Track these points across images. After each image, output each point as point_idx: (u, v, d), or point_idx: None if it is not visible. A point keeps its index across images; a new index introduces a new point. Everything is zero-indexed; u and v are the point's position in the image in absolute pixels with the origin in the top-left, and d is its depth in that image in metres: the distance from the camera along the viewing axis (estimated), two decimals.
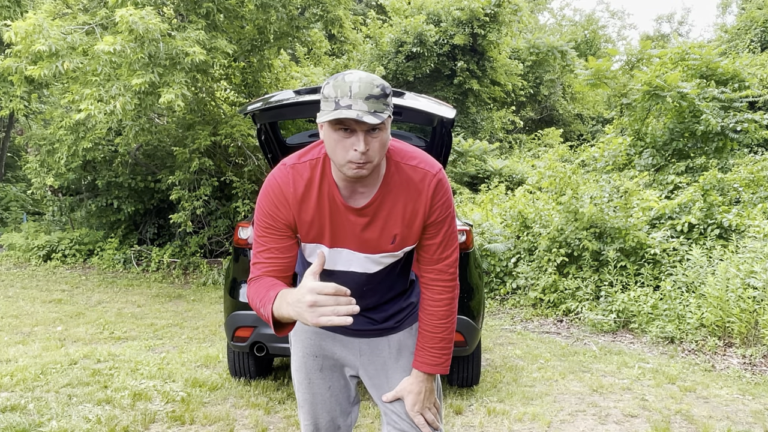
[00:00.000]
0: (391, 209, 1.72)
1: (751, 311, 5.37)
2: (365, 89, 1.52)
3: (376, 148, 1.58)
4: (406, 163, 1.73)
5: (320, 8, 10.25)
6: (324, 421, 1.99)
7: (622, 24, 49.55)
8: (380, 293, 1.91)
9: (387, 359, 1.95)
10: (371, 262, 1.79)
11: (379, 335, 1.95)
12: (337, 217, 1.72)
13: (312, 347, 1.98)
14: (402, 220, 1.73)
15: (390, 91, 1.57)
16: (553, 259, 7.12)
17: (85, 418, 3.65)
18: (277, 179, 1.72)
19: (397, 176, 1.71)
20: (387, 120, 1.57)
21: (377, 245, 1.75)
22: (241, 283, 4.22)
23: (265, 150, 4.59)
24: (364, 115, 1.50)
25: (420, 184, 1.71)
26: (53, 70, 7.43)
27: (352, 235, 1.74)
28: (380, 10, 18.33)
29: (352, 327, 1.88)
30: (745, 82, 10.41)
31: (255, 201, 9.70)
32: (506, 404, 4.11)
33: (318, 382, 1.98)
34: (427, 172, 1.72)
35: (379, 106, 1.53)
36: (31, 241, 11.13)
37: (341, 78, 1.54)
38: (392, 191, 1.71)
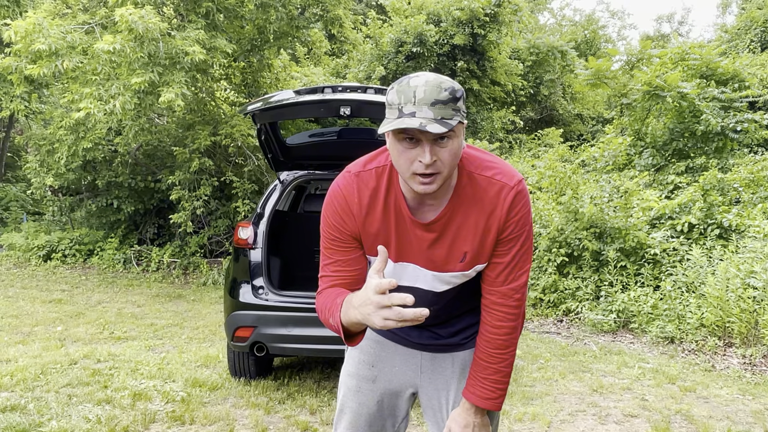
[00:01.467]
0: (462, 224, 1.57)
1: (751, 311, 5.36)
2: (431, 94, 1.37)
3: (445, 159, 1.42)
4: (481, 173, 1.55)
5: (320, 8, 10.25)
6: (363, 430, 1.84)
7: (622, 24, 49.55)
8: (448, 310, 1.76)
9: (450, 378, 1.79)
10: (438, 280, 1.65)
11: (443, 351, 1.80)
12: (403, 230, 1.58)
13: (370, 355, 1.85)
14: (473, 236, 1.57)
15: (461, 94, 1.41)
16: (553, 259, 7.12)
17: (85, 418, 3.64)
18: (341, 188, 1.60)
19: (469, 188, 1.55)
20: (458, 126, 1.41)
21: (445, 263, 1.61)
22: (242, 283, 4.22)
23: (265, 150, 4.59)
24: (429, 124, 1.35)
25: (495, 198, 1.54)
26: (53, 69, 7.43)
27: (418, 250, 1.60)
28: (380, 10, 18.33)
29: (415, 340, 1.80)
30: (745, 82, 10.40)
31: (255, 201, 9.75)
32: (506, 404, 4.10)
33: (368, 393, 1.83)
34: (504, 184, 1.54)
35: (447, 112, 1.37)
36: (31, 241, 11.13)
37: (406, 82, 1.40)
38: (463, 204, 1.56)
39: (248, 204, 9.43)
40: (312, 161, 4.72)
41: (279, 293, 4.13)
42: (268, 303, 4.09)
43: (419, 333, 1.80)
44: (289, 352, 4.18)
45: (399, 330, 1.78)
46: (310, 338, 3.98)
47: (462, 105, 1.42)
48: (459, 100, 1.40)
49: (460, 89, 1.43)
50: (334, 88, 3.91)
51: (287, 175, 4.62)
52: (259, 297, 4.12)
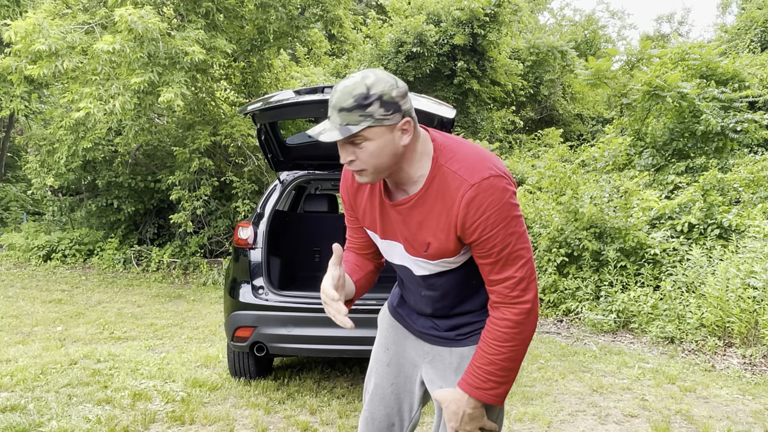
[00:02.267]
0: (426, 215, 1.61)
1: (751, 311, 5.36)
2: (339, 101, 1.49)
3: (364, 158, 1.53)
4: (449, 166, 1.57)
5: (320, 8, 10.25)
6: (379, 414, 1.95)
7: (622, 24, 49.55)
8: (447, 302, 1.79)
9: (447, 368, 1.84)
10: (414, 263, 1.73)
11: (440, 344, 1.86)
12: (382, 210, 1.73)
13: (386, 339, 1.98)
14: (435, 229, 1.60)
15: (375, 98, 1.47)
16: (553, 259, 7.12)
17: (85, 418, 3.64)
18: (344, 170, 1.82)
19: (438, 180, 1.58)
20: (368, 131, 1.49)
21: (412, 247, 1.69)
22: (242, 283, 4.21)
23: (265, 150, 4.59)
24: (326, 132, 1.50)
25: (455, 194, 1.54)
26: (53, 69, 7.44)
27: (398, 230, 1.71)
28: (380, 10, 18.33)
29: (418, 327, 1.89)
30: (745, 82, 10.40)
31: (255, 201, 9.74)
32: (506, 404, 4.10)
33: (383, 375, 1.96)
34: (464, 180, 1.53)
35: (352, 118, 1.48)
36: (31, 241, 11.13)
37: (338, 82, 1.54)
38: (430, 195, 1.59)
39: (248, 204, 9.43)
40: (312, 161, 4.72)
41: (279, 293, 4.13)
42: (268, 303, 4.09)
43: (423, 321, 1.89)
44: (289, 352, 4.18)
45: (407, 316, 1.92)
46: (310, 338, 3.98)
47: (377, 109, 1.47)
48: (370, 105, 1.47)
49: (377, 93, 1.48)
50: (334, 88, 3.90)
51: (287, 175, 4.62)
52: (259, 297, 4.12)
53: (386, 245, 1.78)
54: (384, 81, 1.50)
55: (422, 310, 1.85)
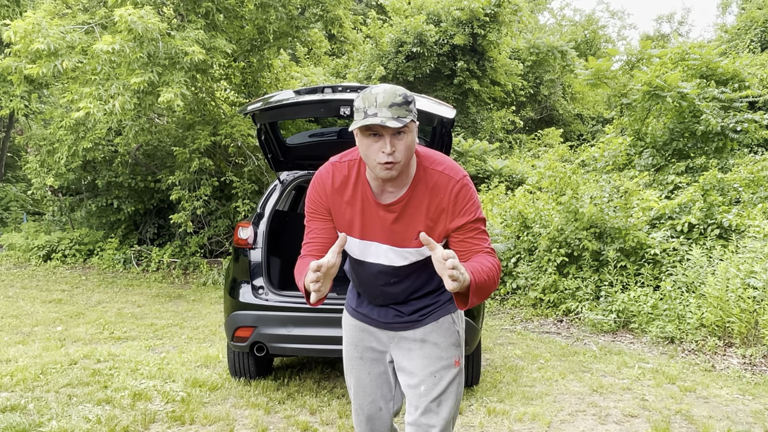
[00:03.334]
0: (417, 208, 1.93)
1: (751, 311, 5.36)
2: (389, 98, 1.75)
3: (401, 150, 1.79)
4: (434, 168, 1.93)
5: (320, 8, 10.25)
6: (366, 402, 2.22)
7: (622, 24, 49.54)
8: (410, 289, 2.10)
9: (411, 346, 2.14)
10: (397, 255, 2.00)
11: (405, 329, 2.14)
12: (368, 212, 1.95)
13: (353, 338, 2.24)
14: (426, 219, 1.93)
15: (412, 99, 1.79)
16: (553, 259, 7.12)
17: (85, 418, 3.64)
18: (321, 173, 2.02)
19: (424, 180, 1.92)
20: (411, 124, 1.79)
21: (403, 240, 1.96)
22: (242, 283, 4.21)
23: (265, 150, 4.59)
24: (388, 121, 1.73)
25: (444, 189, 1.91)
26: (52, 69, 7.43)
27: (380, 229, 1.97)
28: (380, 10, 18.32)
29: (381, 319, 2.16)
30: (745, 82, 10.39)
31: (255, 201, 9.75)
32: (506, 404, 4.11)
33: (358, 369, 2.22)
34: (450, 177, 1.92)
35: (401, 112, 1.75)
36: (31, 241, 11.13)
37: (368, 91, 1.79)
38: (419, 192, 1.92)
39: (248, 204, 9.43)
40: (312, 161, 4.72)
41: (279, 293, 4.13)
42: (268, 303, 4.09)
43: (386, 312, 2.15)
44: (289, 352, 4.18)
45: (369, 313, 2.18)
46: (310, 338, 3.98)
47: (413, 108, 1.79)
48: (410, 103, 1.78)
49: (412, 96, 1.81)
50: (334, 88, 3.91)
51: (287, 175, 4.62)
52: (259, 297, 4.12)
53: (362, 245, 2.02)
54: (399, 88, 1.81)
55: (385, 301, 2.14)
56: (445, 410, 2.08)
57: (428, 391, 2.07)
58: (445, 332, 2.13)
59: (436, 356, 2.10)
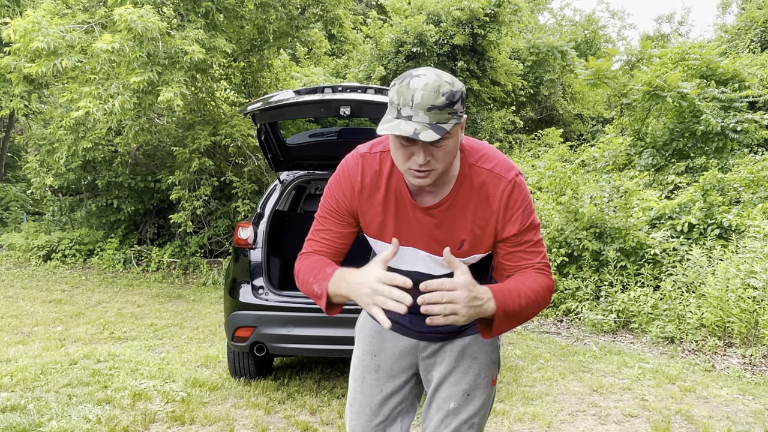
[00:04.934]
0: (461, 213, 1.63)
1: (751, 311, 5.36)
2: (428, 99, 1.41)
3: (440, 158, 1.49)
4: (481, 165, 1.62)
5: (320, 8, 10.24)
6: (370, 426, 1.89)
7: (622, 24, 49.54)
8: None
9: (446, 357, 1.85)
10: (437, 264, 1.71)
11: (443, 339, 1.85)
12: (403, 213, 1.65)
13: (372, 345, 1.92)
14: (471, 226, 1.64)
15: (460, 96, 1.44)
16: (553, 259, 7.12)
17: (85, 418, 3.64)
18: (349, 165, 1.69)
19: (469, 179, 1.62)
20: (454, 128, 1.46)
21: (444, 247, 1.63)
22: (242, 283, 4.21)
23: (265, 150, 4.59)
24: (423, 131, 1.40)
25: (493, 190, 1.61)
26: (51, 68, 7.42)
27: (418, 233, 1.66)
28: (380, 10, 18.32)
29: (415, 328, 1.84)
30: (745, 82, 10.39)
31: (255, 201, 9.73)
32: (506, 404, 4.10)
33: (371, 383, 1.90)
34: (502, 177, 1.61)
35: (442, 117, 1.42)
36: (31, 241, 11.12)
37: (407, 82, 1.44)
38: (463, 194, 1.62)
39: (248, 204, 9.43)
40: (312, 161, 4.71)
41: (279, 293, 4.13)
42: (268, 303, 4.09)
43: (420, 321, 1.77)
44: (289, 352, 4.18)
45: (400, 318, 1.81)
46: (310, 338, 3.98)
47: (460, 106, 1.45)
48: (457, 102, 1.44)
49: (460, 90, 1.45)
50: (334, 88, 3.91)
51: (287, 175, 4.62)
52: (259, 297, 4.12)
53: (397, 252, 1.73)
54: (455, 78, 1.48)
55: None
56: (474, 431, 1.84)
57: (458, 411, 1.82)
58: (486, 347, 1.86)
59: (474, 373, 1.83)
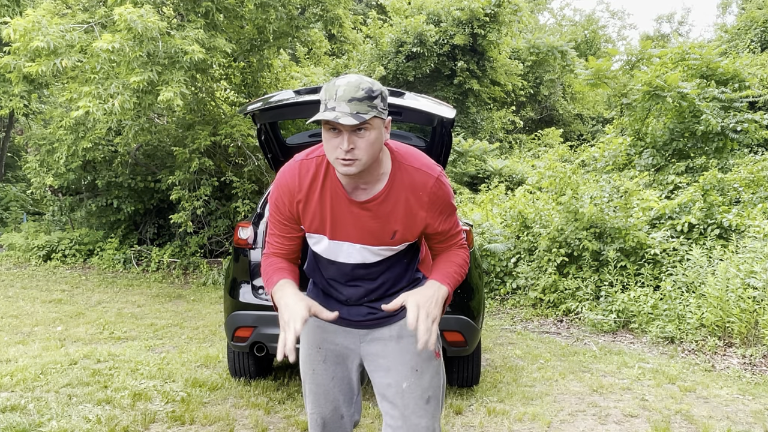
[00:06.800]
0: (394, 207, 1.84)
1: (751, 311, 5.36)
2: (349, 92, 1.64)
3: (362, 147, 1.68)
4: (409, 164, 1.84)
5: (320, 8, 10.24)
6: (328, 410, 2.07)
7: (622, 24, 49.59)
8: (384, 285, 2.00)
9: (387, 341, 2.03)
10: (371, 253, 1.92)
11: (380, 326, 2.04)
12: (339, 210, 1.85)
13: (316, 340, 2.08)
14: (403, 217, 1.85)
15: (378, 93, 1.67)
16: (553, 259, 7.12)
17: (85, 418, 3.64)
18: (285, 173, 1.89)
19: (399, 176, 1.83)
20: (374, 120, 1.68)
21: (377, 238, 1.88)
22: (242, 283, 4.21)
23: (265, 150, 4.59)
24: (342, 117, 1.62)
25: (423, 185, 1.83)
26: (51, 67, 7.42)
27: (353, 227, 1.86)
28: (380, 10, 18.33)
29: (354, 318, 2.04)
30: (745, 82, 10.40)
31: (255, 201, 9.73)
32: (506, 404, 4.11)
33: (321, 373, 2.06)
34: (429, 175, 1.85)
35: (362, 108, 1.64)
36: (31, 241, 11.12)
37: (332, 82, 1.68)
38: (396, 189, 1.83)
39: (248, 204, 9.43)
40: None
41: None
42: (268, 303, 4.08)
43: (357, 310, 2.03)
44: None
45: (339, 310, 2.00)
46: None
47: (379, 102, 1.68)
48: (375, 98, 1.67)
49: (379, 90, 1.69)
50: None
51: None
52: (259, 297, 4.12)
53: (332, 245, 1.92)
54: (377, 82, 1.72)
55: (359, 299, 2.01)
56: (433, 406, 2.00)
57: (413, 388, 1.97)
58: None
59: (416, 350, 1.96)
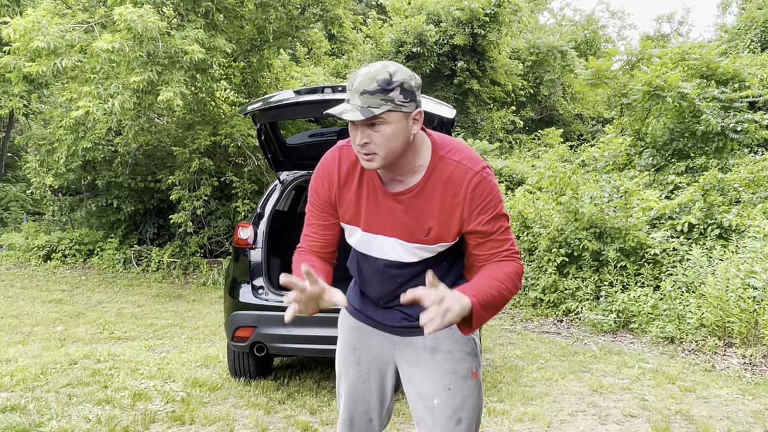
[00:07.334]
0: (429, 201, 1.72)
1: (751, 311, 5.36)
2: (363, 84, 1.57)
3: (378, 142, 1.61)
4: (450, 157, 1.72)
5: (320, 8, 10.24)
6: (358, 411, 2.01)
7: (622, 24, 49.50)
8: None
9: (421, 353, 1.92)
10: (405, 250, 1.80)
11: (414, 334, 1.92)
12: (374, 201, 1.77)
13: (351, 340, 2.03)
14: (439, 214, 1.72)
15: (396, 85, 1.57)
16: (553, 259, 7.12)
17: (85, 418, 3.64)
18: (327, 158, 1.83)
19: (438, 170, 1.71)
20: (389, 114, 1.59)
21: (411, 234, 1.76)
22: (242, 283, 4.21)
23: (265, 150, 4.59)
24: (348, 112, 1.57)
25: (461, 180, 1.69)
26: (51, 67, 7.42)
27: (388, 220, 1.77)
28: (380, 10, 18.32)
29: (387, 322, 1.95)
30: (745, 82, 10.39)
31: (255, 201, 9.74)
32: (506, 404, 4.10)
33: (354, 375, 2.01)
34: (468, 169, 1.70)
35: (373, 102, 1.57)
36: (31, 241, 11.12)
37: (356, 71, 1.62)
38: (432, 183, 1.71)
39: (248, 204, 9.43)
40: (312, 161, 4.71)
41: (279, 293, 4.13)
42: (268, 303, 4.09)
43: (392, 314, 1.93)
44: (289, 352, 4.18)
45: (373, 314, 1.97)
46: (310, 338, 3.98)
47: (397, 95, 1.57)
48: (392, 91, 1.57)
49: (399, 81, 1.58)
50: (334, 88, 3.91)
51: (287, 175, 4.62)
52: (259, 297, 4.12)
53: (365, 238, 1.82)
54: (404, 71, 1.61)
55: (392, 302, 1.90)
56: (464, 428, 1.87)
57: (444, 407, 1.86)
58: (459, 339, 1.90)
59: (451, 367, 1.88)
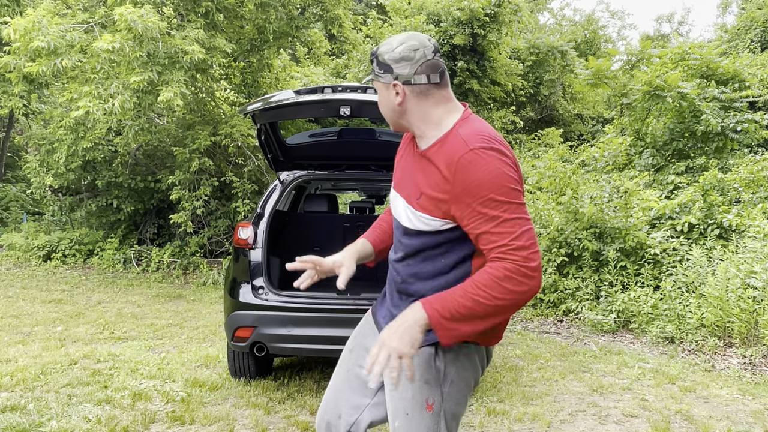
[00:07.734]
0: (428, 166, 1.68)
1: (751, 311, 5.36)
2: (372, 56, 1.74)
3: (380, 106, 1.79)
4: (458, 131, 1.64)
5: (320, 8, 10.25)
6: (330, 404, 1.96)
7: (622, 24, 49.48)
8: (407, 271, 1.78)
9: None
10: (405, 212, 1.75)
11: None
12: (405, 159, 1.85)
13: (357, 329, 2.06)
14: (430, 182, 1.66)
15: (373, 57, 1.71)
16: (553, 259, 7.12)
17: (85, 418, 3.64)
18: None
19: (447, 140, 1.65)
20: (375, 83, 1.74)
21: (410, 194, 1.74)
22: (242, 283, 4.21)
23: (265, 150, 4.58)
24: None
25: (452, 154, 1.60)
26: (51, 67, 7.42)
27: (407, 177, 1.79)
28: (380, 10, 18.32)
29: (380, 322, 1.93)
30: (745, 82, 10.39)
31: (255, 201, 9.73)
32: (506, 404, 4.10)
33: (343, 362, 2.01)
34: (463, 145, 1.58)
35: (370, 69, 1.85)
36: (31, 241, 11.12)
37: None
38: (435, 151, 1.67)
39: (248, 204, 9.43)
40: (312, 161, 4.71)
41: (279, 293, 4.13)
42: (268, 303, 4.08)
43: (384, 313, 1.91)
44: (289, 352, 4.18)
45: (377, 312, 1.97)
46: (310, 338, 3.98)
47: (374, 66, 1.71)
48: (372, 62, 1.72)
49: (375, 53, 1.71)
50: (334, 88, 3.91)
51: (287, 175, 4.62)
52: (259, 297, 4.11)
53: (393, 195, 1.86)
54: (389, 44, 1.70)
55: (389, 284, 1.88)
56: None
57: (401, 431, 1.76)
58: (421, 364, 1.72)
59: (410, 393, 1.73)
